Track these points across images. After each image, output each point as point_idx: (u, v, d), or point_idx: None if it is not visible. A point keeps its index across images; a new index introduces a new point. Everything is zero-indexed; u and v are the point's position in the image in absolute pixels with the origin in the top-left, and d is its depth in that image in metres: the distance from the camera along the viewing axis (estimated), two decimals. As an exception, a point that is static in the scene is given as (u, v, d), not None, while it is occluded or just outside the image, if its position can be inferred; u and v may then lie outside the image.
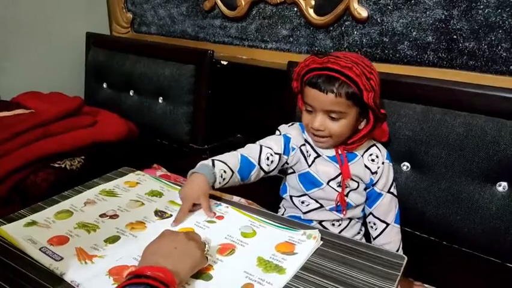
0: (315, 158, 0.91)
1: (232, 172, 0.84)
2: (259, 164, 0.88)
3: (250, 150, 0.89)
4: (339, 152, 0.89)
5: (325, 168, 0.90)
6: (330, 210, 0.92)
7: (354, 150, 0.91)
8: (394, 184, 0.95)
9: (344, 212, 0.92)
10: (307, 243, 0.68)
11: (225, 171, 0.82)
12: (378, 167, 0.92)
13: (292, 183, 0.95)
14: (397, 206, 0.95)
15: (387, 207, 0.93)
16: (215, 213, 0.78)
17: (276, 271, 0.62)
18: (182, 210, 0.76)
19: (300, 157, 0.92)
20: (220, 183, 0.82)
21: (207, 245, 0.63)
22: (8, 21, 1.51)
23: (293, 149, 0.92)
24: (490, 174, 0.91)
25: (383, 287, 0.58)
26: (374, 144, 0.94)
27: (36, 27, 1.59)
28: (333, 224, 0.95)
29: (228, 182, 0.84)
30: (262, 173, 0.90)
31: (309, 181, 0.92)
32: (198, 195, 0.77)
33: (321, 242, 0.69)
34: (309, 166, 0.91)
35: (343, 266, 0.63)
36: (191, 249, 0.59)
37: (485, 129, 0.90)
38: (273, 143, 0.91)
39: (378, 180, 0.92)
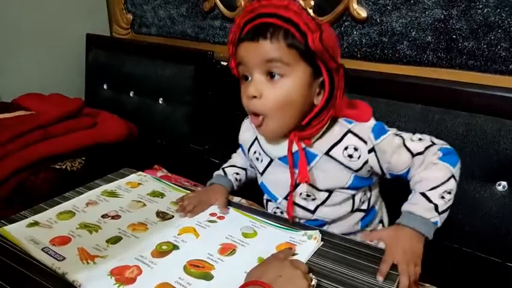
0: (268, 164, 0.75)
1: (244, 169, 0.88)
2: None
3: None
4: (293, 145, 0.65)
5: (278, 176, 0.72)
6: None
7: (312, 143, 0.66)
8: (404, 137, 0.67)
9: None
10: (307, 244, 0.68)
11: (237, 173, 0.87)
12: (366, 160, 0.67)
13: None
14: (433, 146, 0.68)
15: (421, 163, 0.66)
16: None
17: (276, 271, 0.62)
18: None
19: (252, 160, 0.79)
20: (238, 186, 0.87)
21: (313, 280, 0.56)
22: (9, 22, 1.51)
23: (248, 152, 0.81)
24: (489, 173, 0.91)
25: (382, 287, 0.58)
26: (347, 132, 0.67)
27: (36, 29, 1.60)
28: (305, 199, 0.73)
29: (246, 179, 0.88)
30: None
31: (267, 192, 0.78)
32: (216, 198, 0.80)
33: (322, 243, 0.69)
34: (262, 174, 0.76)
35: (343, 266, 0.63)
36: (296, 279, 0.54)
37: (484, 128, 0.90)
38: (238, 159, 0.89)
39: (382, 165, 0.67)
